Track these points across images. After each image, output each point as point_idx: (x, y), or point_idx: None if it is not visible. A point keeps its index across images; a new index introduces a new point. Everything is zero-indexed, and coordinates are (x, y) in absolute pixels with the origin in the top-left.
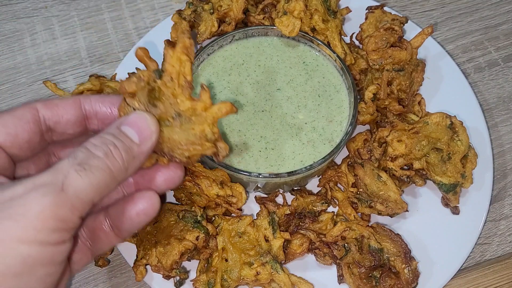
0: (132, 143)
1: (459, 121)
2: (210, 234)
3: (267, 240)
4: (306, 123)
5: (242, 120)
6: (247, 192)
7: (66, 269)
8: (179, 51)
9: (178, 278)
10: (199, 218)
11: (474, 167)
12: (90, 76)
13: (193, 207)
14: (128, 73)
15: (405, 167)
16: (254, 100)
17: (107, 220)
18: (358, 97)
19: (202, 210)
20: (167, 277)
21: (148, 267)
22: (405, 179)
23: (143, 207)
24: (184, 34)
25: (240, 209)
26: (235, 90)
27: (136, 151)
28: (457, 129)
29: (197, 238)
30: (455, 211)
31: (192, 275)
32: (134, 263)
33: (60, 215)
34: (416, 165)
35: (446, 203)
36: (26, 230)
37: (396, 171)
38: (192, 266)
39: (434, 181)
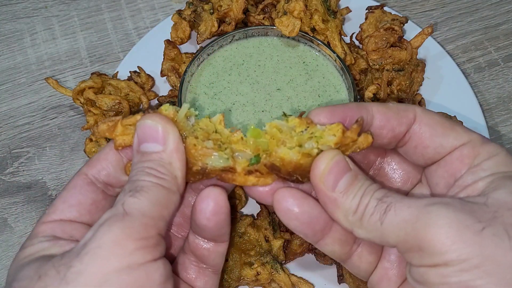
0: (159, 154)
1: (459, 121)
2: None
3: (267, 240)
4: None
5: (242, 120)
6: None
7: None
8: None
9: None
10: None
11: None
12: (92, 73)
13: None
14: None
15: None
16: (254, 100)
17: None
18: (358, 97)
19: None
20: None
21: None
22: None
23: (206, 206)
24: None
25: (240, 211)
26: (235, 90)
27: (167, 156)
28: None
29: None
30: None
31: None
32: None
33: (135, 235)
34: None
35: None
36: (108, 260)
37: None
38: None
39: None
